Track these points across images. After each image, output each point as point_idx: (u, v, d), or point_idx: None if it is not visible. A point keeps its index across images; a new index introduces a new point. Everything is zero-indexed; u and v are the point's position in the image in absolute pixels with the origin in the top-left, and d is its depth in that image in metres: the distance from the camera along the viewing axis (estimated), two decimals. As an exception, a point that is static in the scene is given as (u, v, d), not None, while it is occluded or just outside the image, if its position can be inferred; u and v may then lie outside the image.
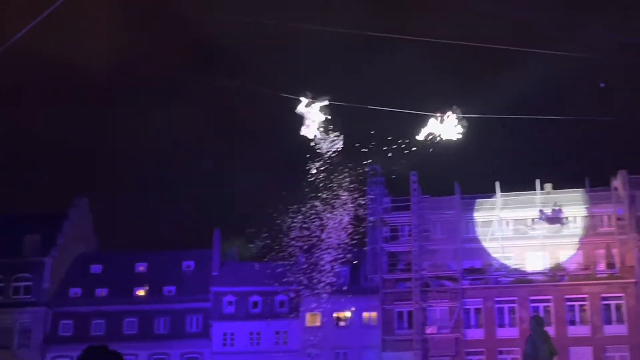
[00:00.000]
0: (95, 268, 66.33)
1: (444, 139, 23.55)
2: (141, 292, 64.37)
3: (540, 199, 59.09)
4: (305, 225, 52.89)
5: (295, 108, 23.13)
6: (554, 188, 61.49)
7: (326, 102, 23.01)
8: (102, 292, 64.53)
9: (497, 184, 59.40)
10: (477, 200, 60.61)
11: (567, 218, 58.75)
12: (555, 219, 57.47)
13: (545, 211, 58.21)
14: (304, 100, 22.73)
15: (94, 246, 70.69)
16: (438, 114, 23.22)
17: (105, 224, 74.05)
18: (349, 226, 53.42)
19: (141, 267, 66.07)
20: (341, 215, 52.57)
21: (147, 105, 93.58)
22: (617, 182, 59.70)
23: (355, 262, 60.91)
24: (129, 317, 62.92)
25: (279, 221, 52.25)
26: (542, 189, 60.31)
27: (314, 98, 22.94)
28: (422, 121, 23.49)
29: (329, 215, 53.09)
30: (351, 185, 50.85)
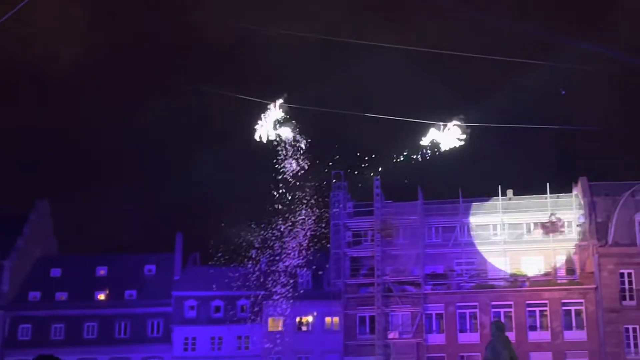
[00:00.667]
0: (55, 271, 65.66)
1: (446, 147, 23.91)
2: (102, 296, 63.82)
3: (502, 205, 59.52)
4: (268, 230, 52.91)
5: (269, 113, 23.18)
6: (515, 194, 62.07)
7: (284, 104, 23.03)
8: (62, 295, 63.87)
9: (460, 190, 59.77)
10: (440, 206, 60.92)
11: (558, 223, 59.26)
12: (553, 226, 57.65)
13: (542, 220, 58.34)
14: (277, 103, 22.76)
15: (54, 249, 69.96)
16: (440, 123, 23.52)
17: (66, 227, 73.27)
18: (311, 231, 53.59)
19: (102, 271, 65.54)
20: (304, 220, 52.70)
21: (111, 107, 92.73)
22: (577, 189, 60.37)
23: (320, 273, 61.02)
24: (89, 322, 62.31)
25: (242, 225, 52.25)
26: (503, 194, 60.78)
27: (284, 102, 23.02)
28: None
29: (292, 220, 53.19)
30: (315, 191, 50.98)
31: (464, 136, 24.28)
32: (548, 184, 58.95)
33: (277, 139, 23.99)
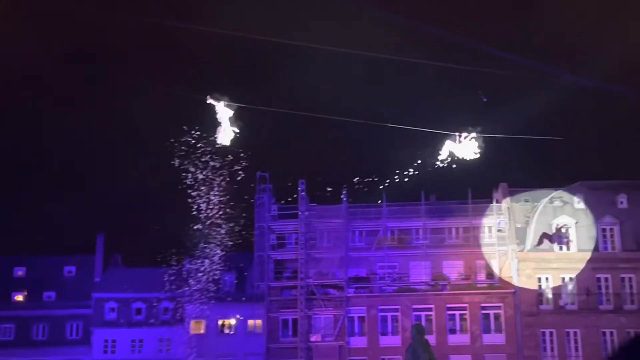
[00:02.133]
0: (-29, 272, 64.09)
1: (462, 158, 24.64)
2: (19, 298, 62.51)
3: (424, 209, 60.23)
4: (190, 231, 52.55)
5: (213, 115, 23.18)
6: (438, 199, 62.96)
7: (232, 105, 23.05)
8: (-22, 297, 62.39)
9: (384, 195, 60.22)
10: (364, 210, 61.31)
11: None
12: (559, 238, 58.17)
13: (548, 232, 58.82)
14: (221, 104, 22.80)
15: (-30, 250, 68.24)
16: (456, 134, 24.06)
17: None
18: (235, 232, 53.45)
19: (20, 272, 64.17)
20: (228, 221, 52.50)
21: (32, 105, 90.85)
22: (498, 195, 61.49)
23: (244, 275, 60.84)
24: (6, 323, 61.01)
25: (165, 226, 51.82)
26: (427, 199, 61.50)
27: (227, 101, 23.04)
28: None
29: (216, 222, 52.92)
30: (240, 193, 50.87)
31: (478, 151, 25.02)
32: (469, 190, 59.88)
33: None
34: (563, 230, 57.85)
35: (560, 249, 57.71)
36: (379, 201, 59.50)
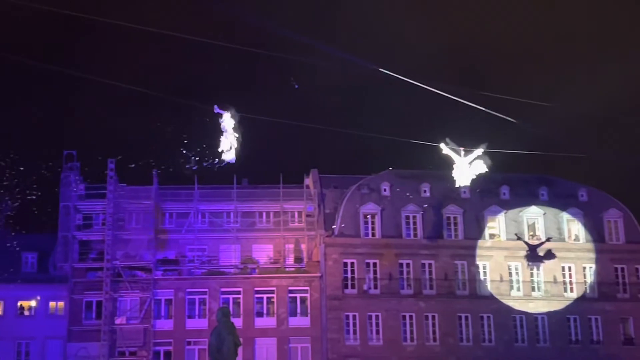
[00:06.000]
0: None
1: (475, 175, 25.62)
2: None
3: (236, 193, 60.34)
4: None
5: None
6: (250, 183, 63.31)
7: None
8: None
9: (196, 177, 59.81)
10: (175, 191, 60.67)
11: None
12: (541, 257, 59.38)
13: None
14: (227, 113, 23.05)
15: None
16: (461, 149, 24.80)
17: None
18: (39, 211, 51.53)
19: None
20: (31, 200, 50.50)
21: None
22: (309, 180, 62.53)
23: (46, 256, 58.76)
24: None
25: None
26: (239, 183, 61.61)
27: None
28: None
29: (18, 200, 50.82)
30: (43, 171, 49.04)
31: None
32: (281, 174, 60.54)
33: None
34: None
35: (366, 235, 59.37)
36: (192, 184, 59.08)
